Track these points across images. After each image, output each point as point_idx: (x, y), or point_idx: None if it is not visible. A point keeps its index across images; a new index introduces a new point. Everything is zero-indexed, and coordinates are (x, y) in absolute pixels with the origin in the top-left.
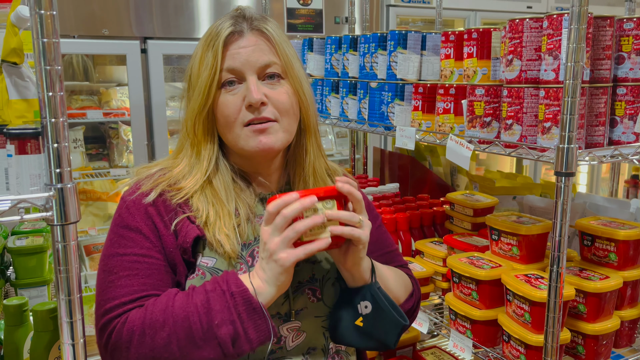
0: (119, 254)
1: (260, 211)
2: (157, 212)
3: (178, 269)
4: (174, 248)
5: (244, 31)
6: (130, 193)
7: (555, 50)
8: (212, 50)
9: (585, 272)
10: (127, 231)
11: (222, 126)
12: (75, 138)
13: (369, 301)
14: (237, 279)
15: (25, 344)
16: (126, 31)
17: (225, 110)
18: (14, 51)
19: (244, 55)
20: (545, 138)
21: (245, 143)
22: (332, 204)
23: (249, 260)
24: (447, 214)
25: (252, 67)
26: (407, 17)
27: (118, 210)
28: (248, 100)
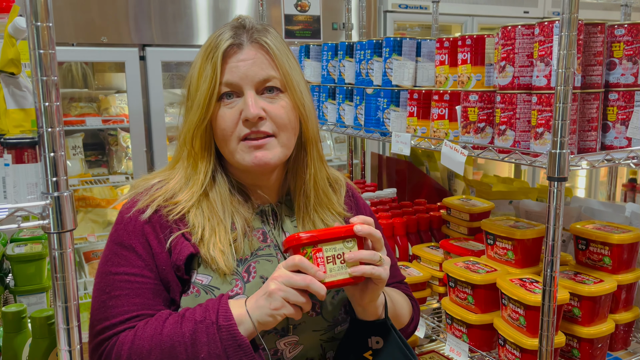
0: (112, 272)
1: (258, 224)
2: (153, 229)
3: (172, 287)
4: (168, 266)
5: (243, 44)
6: (128, 209)
7: (546, 56)
8: (211, 62)
9: (579, 275)
10: (120, 249)
11: (219, 139)
12: (75, 145)
13: (380, 337)
14: (227, 310)
15: (23, 350)
16: (125, 38)
17: (222, 124)
18: (12, 62)
19: (243, 69)
20: (538, 143)
21: (241, 158)
22: (353, 242)
23: (244, 276)
24: (444, 218)
25: (250, 81)
26: (405, 22)
27: (115, 225)
28: (245, 115)
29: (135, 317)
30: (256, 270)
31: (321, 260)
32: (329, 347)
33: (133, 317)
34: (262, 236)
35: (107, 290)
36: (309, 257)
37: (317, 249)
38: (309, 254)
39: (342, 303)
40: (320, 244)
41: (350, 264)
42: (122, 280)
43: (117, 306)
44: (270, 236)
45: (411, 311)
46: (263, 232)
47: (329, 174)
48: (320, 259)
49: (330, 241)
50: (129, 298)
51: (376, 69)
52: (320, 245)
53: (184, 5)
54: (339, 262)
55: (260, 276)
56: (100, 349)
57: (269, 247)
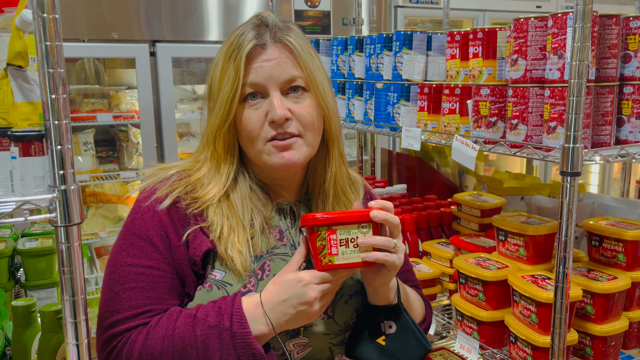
0: (127, 263)
1: (276, 222)
2: (171, 221)
3: (187, 281)
4: (184, 259)
5: (267, 43)
6: (145, 198)
7: (560, 49)
8: (234, 63)
9: (593, 272)
10: (137, 239)
11: (245, 140)
12: (86, 141)
13: (393, 322)
14: (241, 315)
15: (33, 344)
16: (135, 34)
17: (248, 125)
18: (19, 54)
19: (267, 69)
20: (550, 138)
21: (268, 158)
22: (368, 227)
23: (258, 274)
24: (455, 214)
25: (275, 82)
26: (415, 18)
27: (132, 214)
28: (271, 117)
29: (148, 311)
30: (270, 268)
31: (334, 242)
32: (338, 351)
33: (146, 312)
34: (279, 234)
35: (121, 282)
36: (322, 237)
37: (332, 230)
38: (323, 235)
39: (355, 308)
40: (335, 226)
41: (363, 249)
42: (138, 272)
43: (131, 299)
44: (287, 235)
45: (424, 311)
46: (280, 231)
47: (349, 175)
48: (334, 240)
49: (346, 224)
50: (144, 291)
51: (386, 63)
52: (334, 228)
53: (194, 1)
54: (352, 245)
55: (274, 274)
56: (111, 345)
57: (285, 246)
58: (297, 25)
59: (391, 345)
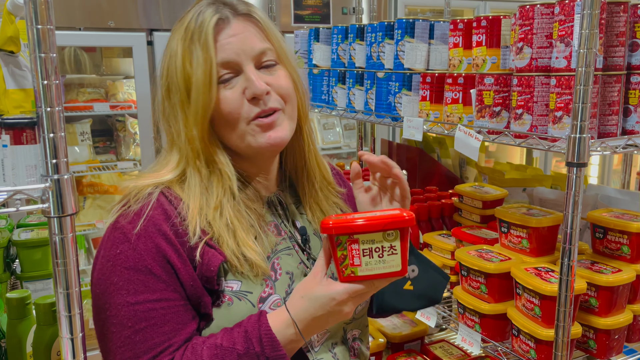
0: (130, 302)
1: (269, 218)
2: (169, 243)
3: (203, 301)
4: (194, 280)
5: (230, 18)
6: (131, 223)
7: (567, 36)
8: (200, 43)
9: (597, 265)
10: (134, 273)
11: (223, 127)
12: (83, 131)
13: (414, 265)
14: (272, 337)
15: (28, 337)
16: (132, 23)
17: (227, 107)
18: (11, 39)
19: (237, 44)
20: (556, 128)
21: (253, 140)
22: (395, 235)
23: (272, 275)
24: (456, 206)
25: (247, 55)
26: (416, 7)
27: (118, 245)
28: (252, 92)
29: (168, 347)
30: (280, 266)
31: (357, 252)
32: (349, 328)
33: (166, 349)
34: (275, 229)
35: (129, 324)
36: (343, 247)
37: (353, 240)
38: (344, 245)
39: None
40: (357, 235)
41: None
42: (145, 309)
43: (146, 340)
44: (283, 228)
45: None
46: (275, 225)
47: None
48: (356, 250)
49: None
50: (157, 328)
51: (387, 52)
52: (357, 237)
53: None
54: (376, 255)
55: (287, 272)
56: None
57: (285, 240)
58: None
59: (419, 286)
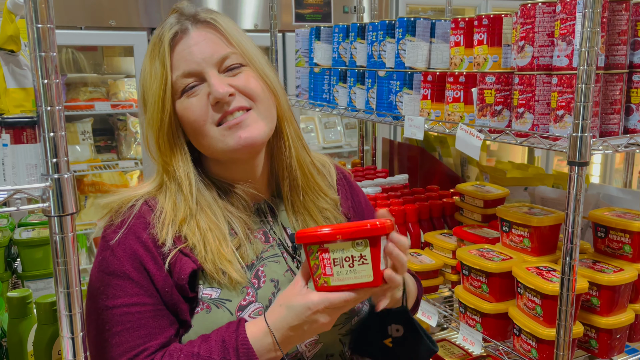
0: (108, 307)
1: (257, 225)
2: (146, 250)
3: (179, 308)
4: (170, 287)
5: (189, 28)
6: (112, 233)
7: (568, 35)
8: (159, 57)
9: (598, 264)
10: (113, 278)
11: (193, 134)
12: (84, 130)
13: (401, 325)
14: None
15: (29, 336)
16: (133, 22)
17: (191, 115)
18: (11, 38)
19: (197, 53)
20: (558, 126)
21: (224, 144)
22: (364, 244)
23: (254, 283)
24: (457, 205)
25: (208, 62)
26: (417, 6)
27: (101, 252)
28: (214, 97)
29: (143, 350)
30: (265, 274)
31: (327, 261)
32: (348, 340)
33: (141, 352)
34: (263, 237)
35: (106, 328)
36: (315, 257)
37: (324, 249)
38: (315, 254)
39: None
40: (327, 244)
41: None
42: (121, 313)
43: (122, 343)
44: (272, 235)
45: (416, 290)
46: (264, 232)
47: (312, 158)
48: (327, 260)
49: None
50: (133, 331)
51: (389, 50)
52: (326, 246)
53: None
54: (347, 265)
55: (271, 279)
56: None
57: (273, 247)
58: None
59: (398, 348)
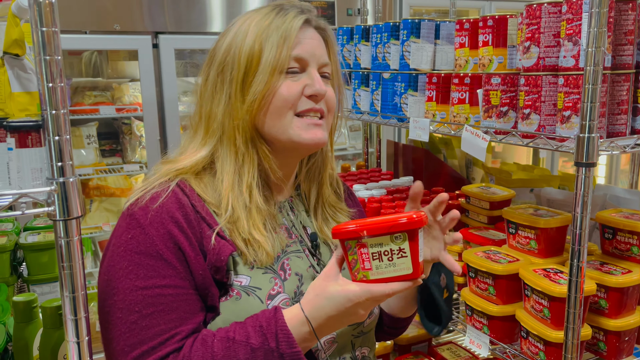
0: (139, 287)
1: (280, 220)
2: (180, 229)
3: (210, 292)
4: (204, 270)
5: (312, 23)
6: (142, 208)
7: (575, 35)
8: (280, 30)
9: (606, 266)
10: (144, 258)
11: (272, 113)
12: (89, 134)
13: (442, 273)
14: (288, 334)
15: (34, 340)
16: (138, 26)
17: (286, 94)
18: (16, 42)
19: (312, 46)
20: (564, 127)
21: (297, 134)
22: (403, 237)
23: (281, 274)
24: (463, 207)
25: (316, 60)
26: (421, 8)
27: (129, 230)
28: (315, 90)
29: (174, 334)
30: (290, 267)
31: (366, 256)
32: (358, 343)
33: (172, 336)
34: (286, 232)
35: (136, 309)
36: (353, 252)
37: (362, 244)
38: (354, 249)
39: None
40: (365, 239)
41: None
42: (153, 295)
43: (152, 326)
44: (294, 232)
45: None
46: (286, 228)
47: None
48: (365, 255)
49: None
50: (165, 314)
51: (393, 52)
52: (364, 241)
53: None
54: (386, 259)
55: (296, 273)
56: None
57: (295, 243)
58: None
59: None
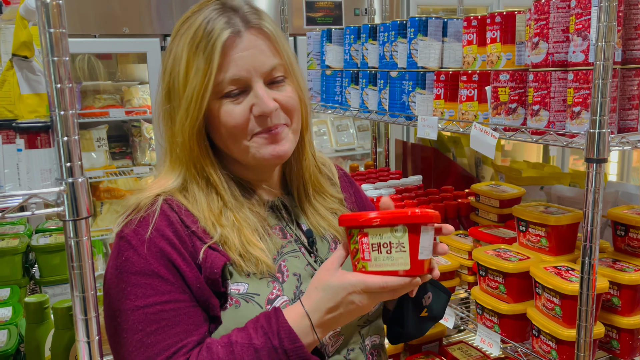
0: (139, 306)
1: (274, 221)
2: (171, 245)
3: (211, 303)
4: (201, 282)
5: (242, 31)
6: (133, 231)
7: (584, 30)
8: (204, 54)
9: (619, 263)
10: (140, 278)
11: (225, 138)
12: (99, 137)
13: (430, 292)
14: (290, 330)
15: (46, 341)
16: (146, 29)
17: (231, 121)
18: (24, 44)
19: (248, 60)
20: (574, 123)
21: (257, 153)
22: (403, 231)
23: (279, 277)
24: (472, 205)
25: (258, 72)
26: (428, 7)
27: (122, 252)
28: (261, 110)
29: (181, 347)
30: (287, 268)
31: (366, 246)
32: (366, 333)
33: (180, 349)
34: (280, 233)
35: (139, 328)
36: (355, 240)
37: (363, 233)
38: (355, 238)
39: None
40: (367, 229)
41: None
42: (155, 312)
43: (158, 342)
44: (289, 231)
45: None
46: (280, 229)
47: (317, 161)
48: (366, 245)
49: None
50: (169, 329)
51: (400, 50)
52: (366, 230)
53: None
54: (384, 251)
55: (294, 273)
56: None
57: (291, 243)
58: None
59: (431, 312)
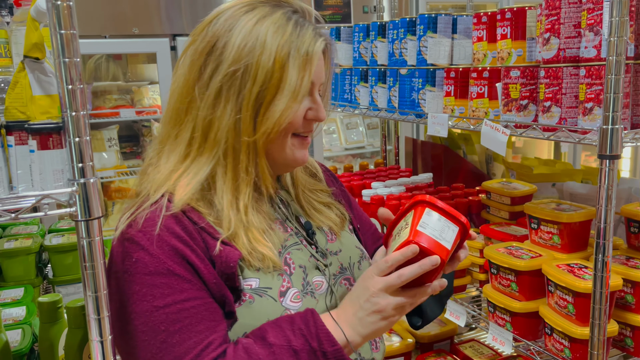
0: (159, 307)
1: (274, 216)
2: (183, 242)
3: (227, 298)
4: (216, 278)
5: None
6: (140, 231)
7: (596, 25)
8: (302, 54)
9: (633, 260)
10: (156, 278)
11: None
12: (110, 137)
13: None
14: (328, 333)
15: (60, 340)
16: (156, 29)
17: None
18: (36, 46)
19: (319, 69)
20: (587, 119)
21: (291, 153)
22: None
23: (286, 269)
24: (484, 203)
25: (319, 82)
26: (437, 4)
27: (131, 254)
28: (316, 116)
29: (209, 344)
30: (293, 260)
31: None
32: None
33: (207, 346)
34: (281, 227)
35: (162, 328)
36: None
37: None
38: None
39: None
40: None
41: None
42: (175, 311)
43: (184, 340)
44: (288, 224)
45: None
46: (281, 222)
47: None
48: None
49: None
50: (192, 327)
51: (410, 48)
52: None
53: None
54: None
55: (299, 265)
56: None
57: (292, 236)
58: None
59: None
